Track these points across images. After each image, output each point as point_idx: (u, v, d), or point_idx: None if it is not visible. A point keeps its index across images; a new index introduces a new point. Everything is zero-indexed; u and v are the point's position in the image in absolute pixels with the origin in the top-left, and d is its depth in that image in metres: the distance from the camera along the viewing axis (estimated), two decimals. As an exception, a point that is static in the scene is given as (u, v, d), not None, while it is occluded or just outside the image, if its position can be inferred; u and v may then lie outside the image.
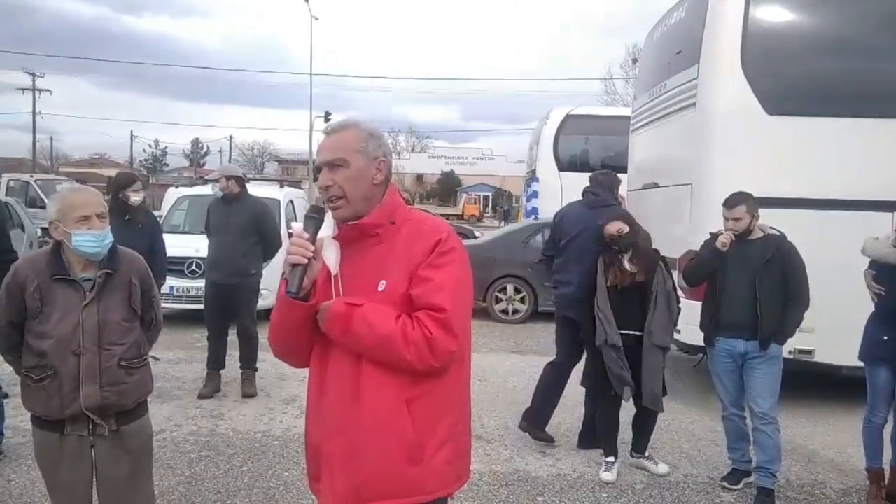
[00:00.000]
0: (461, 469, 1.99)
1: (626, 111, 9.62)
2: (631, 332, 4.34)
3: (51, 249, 2.63)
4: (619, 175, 5.41)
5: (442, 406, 1.90)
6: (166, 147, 63.85)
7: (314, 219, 1.88)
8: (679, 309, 4.46)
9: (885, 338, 4.08)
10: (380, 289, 1.84)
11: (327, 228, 1.90)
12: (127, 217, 5.44)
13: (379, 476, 1.83)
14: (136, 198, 5.60)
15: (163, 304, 9.18)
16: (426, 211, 2.61)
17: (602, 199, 5.05)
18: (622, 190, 5.48)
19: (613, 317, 4.32)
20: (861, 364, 4.27)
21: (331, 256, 1.88)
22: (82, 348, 2.54)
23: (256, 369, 6.15)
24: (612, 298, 4.36)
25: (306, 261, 1.81)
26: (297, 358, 2.06)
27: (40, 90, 44.29)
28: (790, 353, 5.07)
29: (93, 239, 2.55)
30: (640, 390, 4.34)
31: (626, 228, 4.38)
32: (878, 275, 4.19)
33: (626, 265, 4.37)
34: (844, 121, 5.68)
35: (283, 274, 1.86)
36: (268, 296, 7.81)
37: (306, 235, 1.83)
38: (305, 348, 1.98)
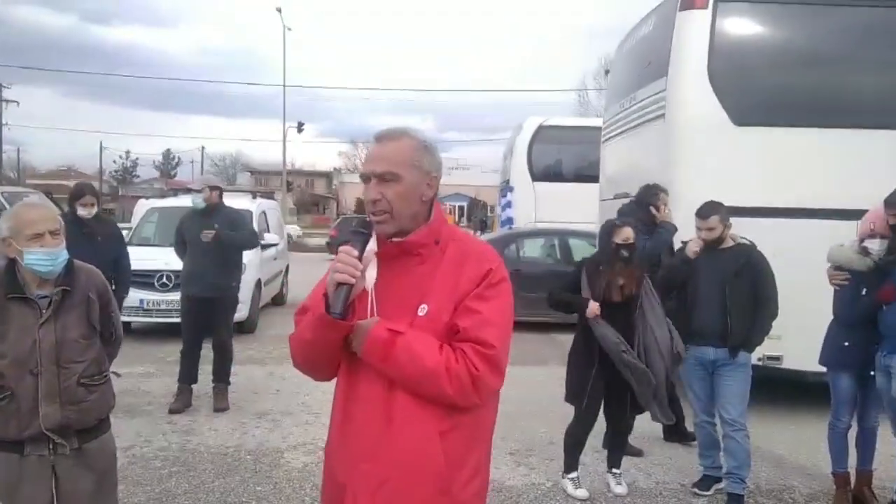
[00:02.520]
0: (485, 500, 1.94)
1: (598, 122, 9.72)
2: None
3: (5, 267, 2.56)
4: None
5: (473, 439, 1.82)
6: (137, 158, 63.36)
7: (362, 234, 1.75)
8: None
9: (846, 344, 4.16)
10: (420, 313, 1.74)
11: (370, 243, 1.79)
12: (84, 230, 5.26)
13: None
14: (83, 212, 5.42)
15: (133, 318, 9.06)
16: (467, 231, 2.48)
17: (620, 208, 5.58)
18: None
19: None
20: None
21: (370, 272, 1.76)
22: (40, 367, 2.49)
23: (229, 383, 6.09)
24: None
25: (353, 280, 1.69)
26: (321, 374, 1.93)
27: (7, 101, 43.42)
28: (759, 359, 5.15)
29: (45, 257, 2.49)
30: (615, 406, 4.33)
31: (632, 238, 4.24)
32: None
33: (619, 279, 4.20)
34: (809, 131, 5.82)
35: (324, 292, 1.74)
36: (241, 308, 7.76)
37: (355, 253, 1.71)
38: (333, 365, 1.87)
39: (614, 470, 4.49)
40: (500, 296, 1.77)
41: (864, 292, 4.10)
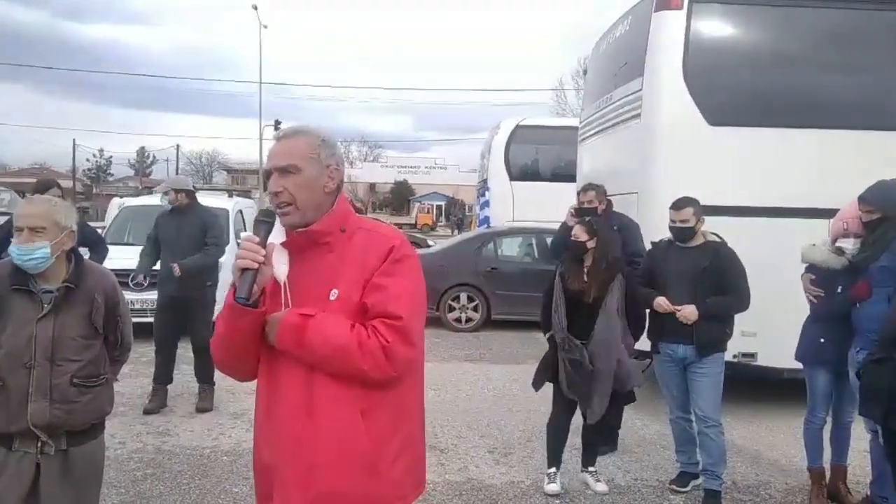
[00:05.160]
0: (418, 477, 1.97)
1: (575, 122, 9.77)
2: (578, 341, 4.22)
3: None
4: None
5: (397, 415, 1.87)
6: (111, 156, 62.36)
7: (265, 223, 1.83)
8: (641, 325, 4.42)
9: (822, 340, 4.21)
10: (332, 298, 1.81)
11: (277, 235, 1.86)
12: None
13: (337, 491, 1.79)
14: None
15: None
16: (377, 220, 2.61)
17: None
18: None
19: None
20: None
21: (279, 265, 1.83)
22: (34, 361, 2.49)
23: (214, 383, 6.02)
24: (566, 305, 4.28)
25: (257, 265, 1.76)
26: (241, 371, 1.98)
27: (-24, 98, 42.69)
28: (734, 356, 5.21)
29: (17, 250, 2.51)
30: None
31: (585, 237, 4.26)
32: (815, 279, 4.34)
33: (584, 276, 4.23)
34: (782, 131, 5.90)
35: (233, 281, 1.81)
36: (219, 308, 7.67)
37: (257, 239, 1.79)
38: (251, 360, 1.92)
39: (590, 468, 4.51)
40: (406, 271, 1.85)
41: (839, 290, 4.16)
